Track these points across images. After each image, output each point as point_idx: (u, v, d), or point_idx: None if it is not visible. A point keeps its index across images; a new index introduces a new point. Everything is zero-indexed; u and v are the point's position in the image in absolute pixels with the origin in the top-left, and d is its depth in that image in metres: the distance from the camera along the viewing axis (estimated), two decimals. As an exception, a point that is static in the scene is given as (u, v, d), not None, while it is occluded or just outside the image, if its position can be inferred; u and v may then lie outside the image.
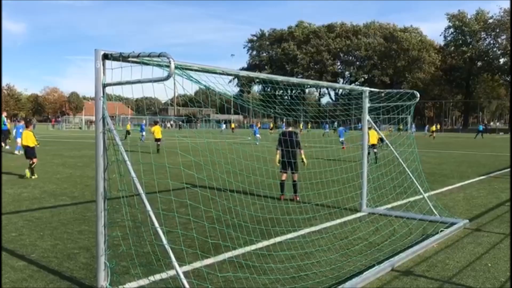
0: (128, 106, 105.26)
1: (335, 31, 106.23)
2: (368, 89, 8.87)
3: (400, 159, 8.48)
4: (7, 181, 12.20)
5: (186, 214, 7.20)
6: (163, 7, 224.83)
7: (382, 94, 9.10)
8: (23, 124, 16.80)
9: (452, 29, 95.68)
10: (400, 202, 9.55)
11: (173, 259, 3.93)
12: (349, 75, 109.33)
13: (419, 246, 6.18)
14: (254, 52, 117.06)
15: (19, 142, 17.95)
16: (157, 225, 3.99)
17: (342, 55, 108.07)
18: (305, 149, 10.22)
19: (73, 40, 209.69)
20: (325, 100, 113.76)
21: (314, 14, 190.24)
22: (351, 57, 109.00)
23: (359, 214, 8.52)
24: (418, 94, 8.39)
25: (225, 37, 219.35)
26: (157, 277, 4.86)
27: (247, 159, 9.68)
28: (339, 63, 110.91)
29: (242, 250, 5.95)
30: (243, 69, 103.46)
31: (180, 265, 4.06)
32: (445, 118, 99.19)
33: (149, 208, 4.03)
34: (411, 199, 9.51)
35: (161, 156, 18.73)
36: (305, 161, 9.94)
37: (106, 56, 4.29)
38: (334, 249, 6.14)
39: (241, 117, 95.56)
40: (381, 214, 8.36)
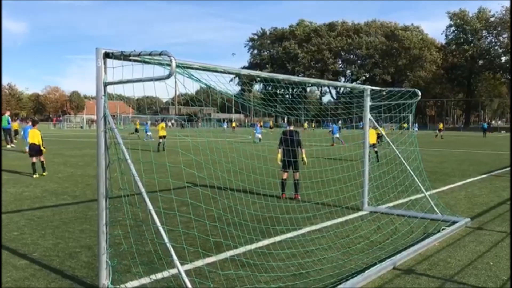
0: (129, 105, 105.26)
1: (336, 29, 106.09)
2: (369, 87, 8.85)
3: (402, 158, 8.47)
4: (8, 180, 12.22)
5: (187, 213, 7.20)
6: (163, 6, 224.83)
7: (384, 93, 9.09)
8: (30, 124, 17.10)
9: (453, 28, 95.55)
10: (401, 201, 9.54)
11: (175, 257, 3.93)
12: (350, 74, 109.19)
13: (421, 244, 6.18)
14: (255, 51, 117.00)
15: (27, 141, 18.12)
16: (158, 223, 3.99)
17: (343, 53, 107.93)
18: (310, 147, 10.21)
19: (73, 39, 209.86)
20: (326, 98, 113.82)
21: (315, 13, 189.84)
22: (352, 56, 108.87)
23: (361, 213, 8.52)
24: (420, 93, 8.37)
25: (225, 36, 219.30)
26: (159, 275, 4.88)
27: (248, 158, 9.67)
28: (340, 62, 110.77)
29: (243, 249, 5.95)
30: (244, 68, 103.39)
31: (181, 264, 4.06)
32: (446, 116, 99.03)
33: (150, 206, 4.03)
34: (413, 197, 9.51)
35: (162, 155, 18.75)
36: (305, 160, 9.93)
37: (107, 55, 4.29)
38: (335, 248, 6.14)
39: (242, 116, 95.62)
40: (382, 213, 8.35)
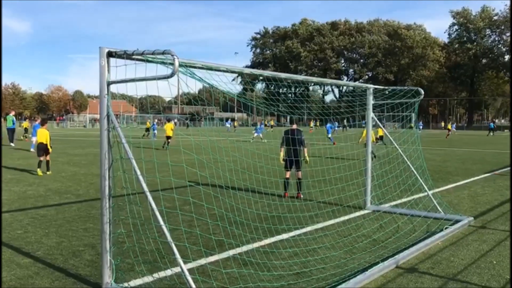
0: (132, 104, 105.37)
1: (339, 28, 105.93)
2: (372, 86, 8.84)
3: (404, 156, 8.45)
4: (12, 179, 12.26)
5: (190, 211, 7.21)
6: (165, 5, 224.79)
7: (387, 92, 9.08)
8: (39, 123, 17.31)
9: (456, 26, 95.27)
10: (404, 200, 9.53)
11: (178, 256, 3.94)
12: (353, 73, 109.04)
13: (424, 243, 6.17)
14: (258, 50, 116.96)
15: (34, 140, 18.20)
16: (161, 222, 4.00)
17: (346, 52, 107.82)
18: (312, 146, 10.22)
19: (75, 38, 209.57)
20: (329, 97, 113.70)
21: (317, 12, 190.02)
22: (355, 55, 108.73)
23: (363, 212, 8.52)
24: (423, 91, 8.36)
25: (228, 36, 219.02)
26: (162, 274, 4.89)
27: (250, 158, 9.68)
28: (343, 61, 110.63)
29: (246, 248, 5.96)
30: (247, 67, 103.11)
31: (184, 262, 4.07)
32: (449, 115, 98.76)
33: (153, 205, 4.04)
34: (415, 196, 9.49)
35: (164, 154, 18.77)
36: (307, 159, 9.95)
37: (110, 54, 4.30)
38: (338, 247, 6.14)
39: (244, 115, 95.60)
40: (385, 212, 8.34)
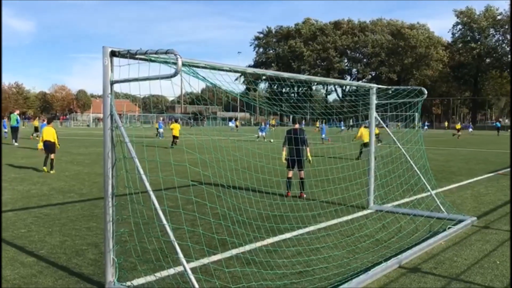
0: (135, 104, 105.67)
1: (342, 28, 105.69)
2: (375, 85, 8.82)
3: (407, 156, 8.44)
4: (16, 178, 12.31)
5: (192, 211, 7.22)
6: (167, 5, 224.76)
7: (390, 91, 9.07)
8: (45, 122, 17.75)
9: (460, 26, 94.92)
10: (407, 199, 9.51)
11: (181, 255, 3.95)
12: (356, 72, 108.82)
13: (427, 243, 6.15)
14: (261, 50, 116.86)
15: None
16: (164, 221, 4.01)
17: (349, 52, 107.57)
18: (319, 146, 10.20)
19: (78, 38, 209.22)
20: (332, 97, 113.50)
21: (320, 11, 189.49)
22: (358, 54, 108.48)
23: (366, 211, 8.51)
24: (426, 91, 8.34)
25: (231, 35, 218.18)
26: (165, 273, 4.90)
27: (251, 157, 9.68)
28: (346, 60, 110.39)
29: (248, 247, 5.96)
30: (250, 66, 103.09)
31: (187, 261, 4.08)
32: (453, 115, 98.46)
33: (156, 204, 4.05)
34: (418, 196, 9.47)
35: (167, 153, 18.80)
36: (310, 158, 9.96)
37: (114, 53, 4.31)
38: (341, 246, 6.14)
39: (247, 114, 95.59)
40: (388, 211, 8.33)
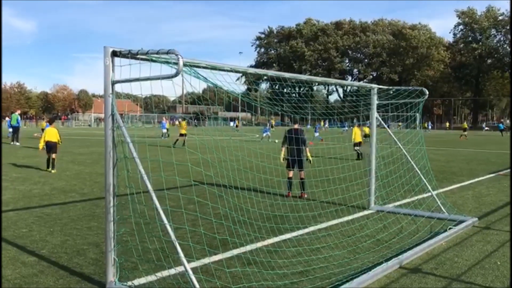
0: (136, 104, 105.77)
1: (343, 28, 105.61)
2: (376, 86, 8.83)
3: (408, 156, 8.44)
4: (17, 177, 12.33)
5: (194, 211, 7.23)
6: (169, 4, 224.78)
7: (391, 92, 9.06)
8: (47, 121, 17.99)
9: (461, 26, 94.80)
10: (408, 200, 9.51)
11: (182, 255, 3.96)
12: (357, 73, 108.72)
13: (428, 243, 6.15)
14: (262, 50, 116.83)
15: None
16: (165, 221, 4.02)
17: (350, 52, 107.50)
18: (320, 146, 10.21)
19: (80, 38, 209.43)
20: (333, 97, 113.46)
21: (322, 12, 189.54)
22: (359, 55, 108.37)
23: (367, 212, 8.51)
24: (427, 91, 8.33)
25: (232, 35, 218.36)
26: (165, 273, 4.91)
27: (253, 157, 9.69)
28: (347, 61, 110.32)
29: (249, 247, 5.97)
30: (251, 66, 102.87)
31: (188, 261, 4.08)
32: (454, 115, 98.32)
33: (157, 204, 4.06)
34: (419, 196, 9.46)
35: (169, 153, 18.81)
36: (310, 159, 9.97)
37: (115, 53, 4.31)
38: (342, 246, 6.14)
39: (248, 115, 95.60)
40: (389, 212, 8.33)
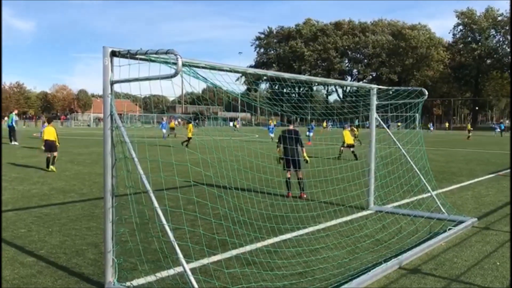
0: (136, 104, 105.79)
1: (343, 28, 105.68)
2: (376, 86, 8.82)
3: (408, 157, 8.43)
4: (16, 177, 12.32)
5: (193, 211, 7.22)
6: (168, 4, 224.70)
7: (390, 92, 9.06)
8: (46, 121, 18.13)
9: (461, 27, 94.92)
10: (407, 200, 9.51)
11: (180, 255, 3.95)
12: (357, 73, 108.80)
13: (427, 244, 6.15)
14: (262, 50, 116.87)
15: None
16: (164, 221, 4.01)
17: (349, 52, 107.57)
18: (320, 147, 10.22)
19: (79, 38, 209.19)
20: (332, 98, 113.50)
21: (321, 12, 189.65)
22: (359, 55, 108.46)
23: (366, 212, 8.50)
24: (426, 92, 8.33)
25: (231, 35, 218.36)
26: (164, 273, 4.90)
27: (253, 157, 9.68)
28: (347, 61, 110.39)
29: (248, 247, 5.96)
30: (250, 67, 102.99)
31: (187, 262, 4.08)
32: (453, 116, 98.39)
33: (156, 204, 4.05)
34: (419, 197, 9.46)
35: (168, 154, 18.80)
36: (307, 159, 9.98)
37: (114, 53, 4.31)
38: (341, 247, 6.13)
39: (248, 115, 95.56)
40: (388, 212, 8.32)
